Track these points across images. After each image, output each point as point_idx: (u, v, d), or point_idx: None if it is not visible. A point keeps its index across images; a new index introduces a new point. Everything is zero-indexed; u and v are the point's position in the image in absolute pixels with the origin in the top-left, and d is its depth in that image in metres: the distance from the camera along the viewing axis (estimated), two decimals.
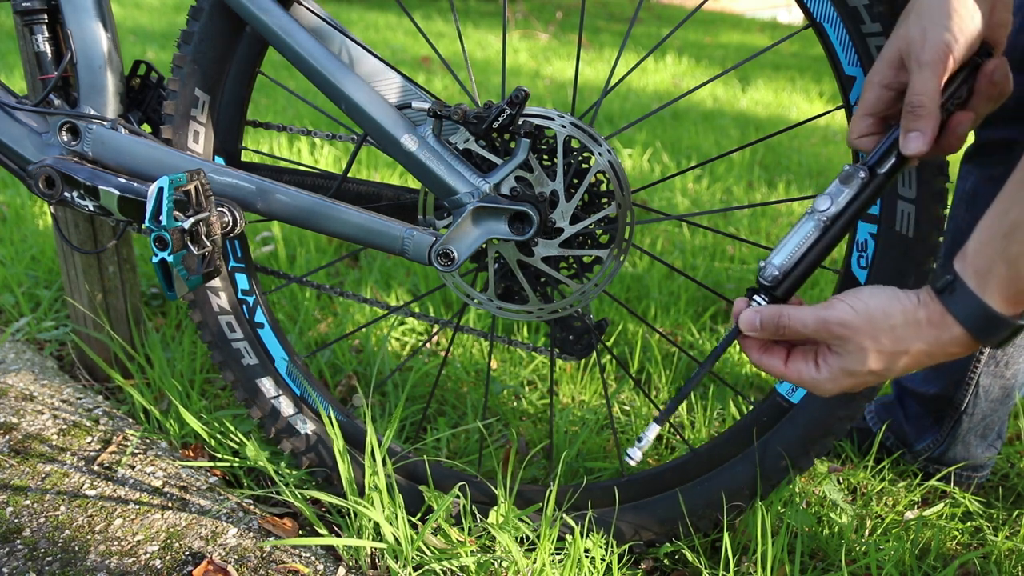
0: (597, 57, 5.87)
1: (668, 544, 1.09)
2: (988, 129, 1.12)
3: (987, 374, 1.19)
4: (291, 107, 3.57)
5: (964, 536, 1.18)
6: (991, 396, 1.21)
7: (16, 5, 1.04)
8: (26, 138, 1.02)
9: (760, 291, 0.78)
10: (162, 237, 0.84)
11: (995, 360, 1.18)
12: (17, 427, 1.23)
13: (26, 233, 1.96)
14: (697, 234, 2.34)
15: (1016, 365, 1.19)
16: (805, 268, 0.77)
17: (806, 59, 6.93)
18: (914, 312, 0.69)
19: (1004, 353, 1.18)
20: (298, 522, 1.13)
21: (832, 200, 0.76)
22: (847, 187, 0.76)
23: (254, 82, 1.08)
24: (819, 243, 0.76)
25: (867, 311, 0.70)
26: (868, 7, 0.85)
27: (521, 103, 0.88)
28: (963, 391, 1.22)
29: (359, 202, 1.05)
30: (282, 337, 1.14)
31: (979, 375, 1.20)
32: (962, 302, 0.67)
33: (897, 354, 0.70)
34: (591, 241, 0.98)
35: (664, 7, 10.65)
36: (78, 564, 0.98)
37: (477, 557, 0.99)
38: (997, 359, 1.18)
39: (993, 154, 1.12)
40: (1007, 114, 1.08)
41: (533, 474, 1.26)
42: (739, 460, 1.05)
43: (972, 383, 1.20)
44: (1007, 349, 1.17)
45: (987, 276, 0.65)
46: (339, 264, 2.03)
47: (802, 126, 3.59)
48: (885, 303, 0.71)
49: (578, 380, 1.51)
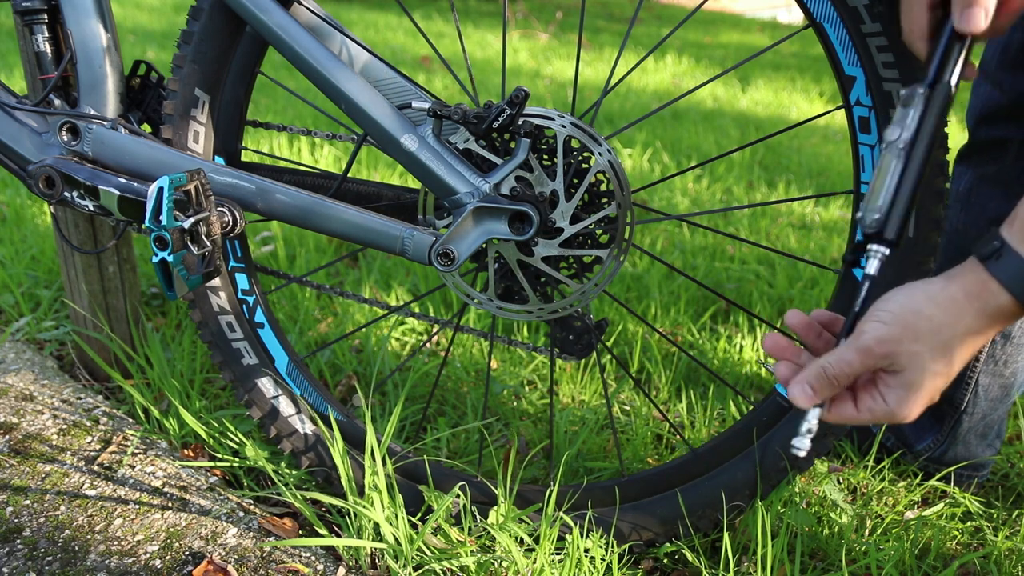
0: (597, 57, 5.87)
1: (668, 544, 1.09)
2: (982, 129, 1.12)
3: (986, 373, 1.19)
4: (291, 107, 3.57)
5: (964, 536, 1.18)
6: (990, 395, 1.21)
7: (16, 5, 1.04)
8: (26, 138, 1.02)
9: (869, 242, 0.73)
10: (162, 237, 0.84)
11: (994, 359, 1.18)
12: (17, 427, 1.23)
13: (26, 233, 1.96)
14: (697, 234, 2.34)
15: (1015, 364, 1.19)
16: (905, 200, 0.72)
17: (806, 59, 6.93)
18: (944, 293, 0.68)
19: (1003, 352, 1.18)
20: (298, 522, 1.13)
21: (901, 126, 0.72)
22: (911, 108, 0.72)
23: (254, 82, 1.08)
24: (907, 171, 0.72)
25: (898, 317, 0.68)
26: (868, 7, 0.85)
27: (521, 103, 0.88)
28: (963, 390, 1.22)
29: (359, 202, 1.05)
30: (282, 337, 1.14)
31: (978, 374, 1.20)
32: (1010, 267, 0.65)
33: (949, 342, 0.67)
34: (591, 241, 0.98)
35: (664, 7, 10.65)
36: (78, 564, 0.98)
37: (477, 557, 0.99)
38: (996, 358, 1.18)
39: (987, 153, 1.12)
40: (1001, 113, 1.09)
41: (533, 474, 1.26)
42: (739, 460, 1.05)
43: (971, 382, 1.20)
44: (1006, 348, 1.17)
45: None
46: (339, 264, 2.03)
47: (802, 126, 3.59)
48: (909, 301, 0.69)
49: (578, 380, 1.51)
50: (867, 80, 0.88)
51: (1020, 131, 1.08)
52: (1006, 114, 1.08)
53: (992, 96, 1.09)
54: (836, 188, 3.05)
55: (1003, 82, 1.07)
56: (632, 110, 4.10)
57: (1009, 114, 1.07)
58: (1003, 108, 1.08)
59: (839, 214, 2.69)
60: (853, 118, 0.91)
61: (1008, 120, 1.08)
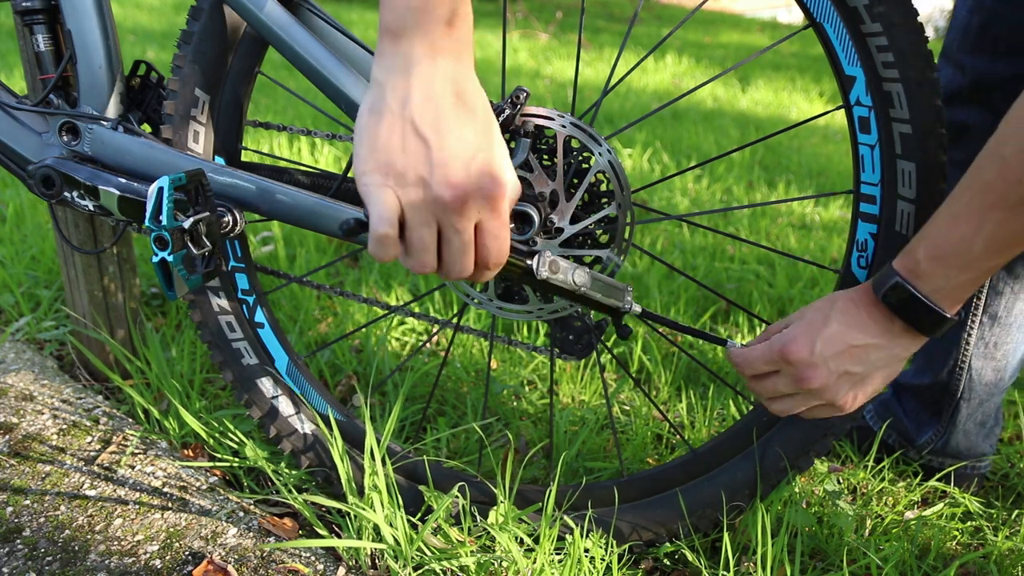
0: (597, 57, 5.87)
1: (668, 544, 1.09)
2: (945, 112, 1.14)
3: (978, 356, 1.20)
4: (291, 107, 3.57)
5: (964, 536, 1.18)
6: (984, 379, 1.22)
7: (16, 5, 1.04)
8: (26, 138, 1.02)
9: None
10: (162, 237, 0.84)
11: (984, 342, 1.19)
12: (17, 427, 1.23)
13: (26, 233, 1.96)
14: (697, 234, 2.34)
15: (1005, 346, 1.19)
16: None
17: (806, 59, 6.93)
18: (844, 305, 0.83)
19: (991, 334, 1.18)
20: (298, 522, 1.13)
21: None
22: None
23: (254, 82, 1.08)
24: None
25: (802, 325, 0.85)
26: (868, 7, 0.85)
27: (521, 103, 0.88)
28: (957, 377, 1.22)
29: (359, 202, 1.05)
30: (282, 337, 1.14)
31: (970, 359, 1.20)
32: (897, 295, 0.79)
33: (844, 350, 0.82)
34: (591, 241, 0.98)
35: (664, 7, 10.65)
36: (78, 564, 0.98)
37: (477, 557, 0.99)
38: (987, 340, 1.19)
39: (951, 139, 1.14)
40: (963, 95, 1.10)
41: (533, 474, 1.26)
42: (739, 460, 1.05)
43: (964, 367, 1.21)
44: (994, 329, 1.18)
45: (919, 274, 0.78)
46: (339, 264, 2.03)
47: (802, 126, 3.59)
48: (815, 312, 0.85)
49: (578, 380, 1.51)
50: (867, 80, 0.88)
51: (981, 115, 1.09)
52: (967, 95, 1.10)
53: (955, 78, 1.11)
54: (836, 188, 3.05)
55: (964, 64, 1.09)
56: (632, 110, 4.10)
57: (970, 96, 1.10)
58: (964, 89, 1.10)
59: (839, 214, 2.69)
60: (853, 118, 0.91)
61: (970, 102, 1.10)
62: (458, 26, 0.65)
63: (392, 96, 0.66)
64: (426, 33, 0.64)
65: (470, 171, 0.66)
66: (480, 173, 0.66)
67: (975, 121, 1.10)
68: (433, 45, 0.65)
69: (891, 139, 0.89)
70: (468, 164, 0.66)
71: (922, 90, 0.85)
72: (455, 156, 0.66)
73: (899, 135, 0.88)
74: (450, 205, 0.67)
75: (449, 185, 0.66)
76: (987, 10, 1.04)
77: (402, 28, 0.64)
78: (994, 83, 1.06)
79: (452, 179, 0.66)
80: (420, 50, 0.65)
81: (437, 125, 0.65)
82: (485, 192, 0.67)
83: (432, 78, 0.65)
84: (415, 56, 0.65)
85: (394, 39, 0.65)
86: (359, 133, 0.67)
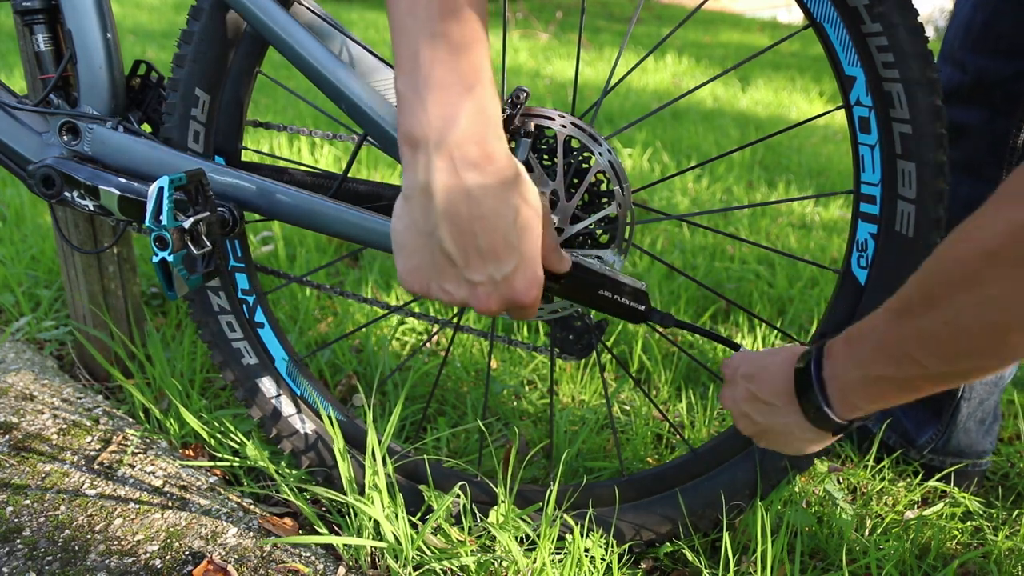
0: (597, 57, 5.87)
1: (668, 544, 1.09)
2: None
3: None
4: (291, 107, 3.57)
5: (964, 536, 1.18)
6: (985, 378, 1.22)
7: (16, 5, 1.04)
8: (26, 138, 1.02)
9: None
10: (162, 237, 0.84)
11: None
12: (17, 427, 1.23)
13: (26, 233, 1.96)
14: (697, 234, 2.34)
15: None
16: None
17: (806, 59, 6.93)
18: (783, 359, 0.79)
19: None
20: (298, 522, 1.13)
21: None
22: None
23: (254, 82, 1.08)
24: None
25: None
26: (868, 7, 0.85)
27: (521, 103, 0.88)
28: None
29: (359, 202, 1.05)
30: (282, 337, 1.14)
31: None
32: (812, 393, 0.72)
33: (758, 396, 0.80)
34: (591, 241, 0.98)
35: (664, 7, 10.65)
36: (78, 564, 0.98)
37: (477, 557, 0.99)
38: None
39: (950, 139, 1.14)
40: (962, 93, 1.10)
41: (533, 474, 1.26)
42: (739, 460, 1.05)
43: None
44: None
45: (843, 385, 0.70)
46: (339, 264, 2.03)
47: (802, 126, 3.59)
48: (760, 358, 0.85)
49: (578, 380, 1.51)
50: (867, 80, 0.88)
51: (979, 115, 1.09)
52: (967, 94, 1.10)
53: (954, 76, 1.11)
54: (836, 188, 3.05)
55: (965, 62, 1.09)
56: (632, 110, 4.10)
57: (970, 95, 1.09)
58: (964, 88, 1.10)
59: (839, 214, 2.69)
60: (853, 118, 0.91)
61: (969, 102, 1.09)
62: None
63: (420, 214, 0.66)
64: (444, 147, 0.63)
65: (501, 293, 0.69)
66: (511, 293, 0.70)
67: (974, 121, 1.10)
68: (451, 156, 0.63)
69: (891, 139, 0.89)
70: (498, 287, 0.69)
71: (922, 90, 0.85)
72: (483, 280, 0.68)
73: (899, 135, 0.88)
74: (483, 313, 0.71)
75: (481, 308, 0.70)
76: (991, 7, 1.05)
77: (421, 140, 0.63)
78: (995, 81, 1.06)
79: (482, 305, 0.70)
80: (440, 164, 0.63)
81: (463, 246, 0.66)
82: (515, 305, 0.71)
83: (454, 193, 0.64)
84: (435, 169, 0.63)
85: (412, 150, 0.64)
86: (394, 243, 0.70)
